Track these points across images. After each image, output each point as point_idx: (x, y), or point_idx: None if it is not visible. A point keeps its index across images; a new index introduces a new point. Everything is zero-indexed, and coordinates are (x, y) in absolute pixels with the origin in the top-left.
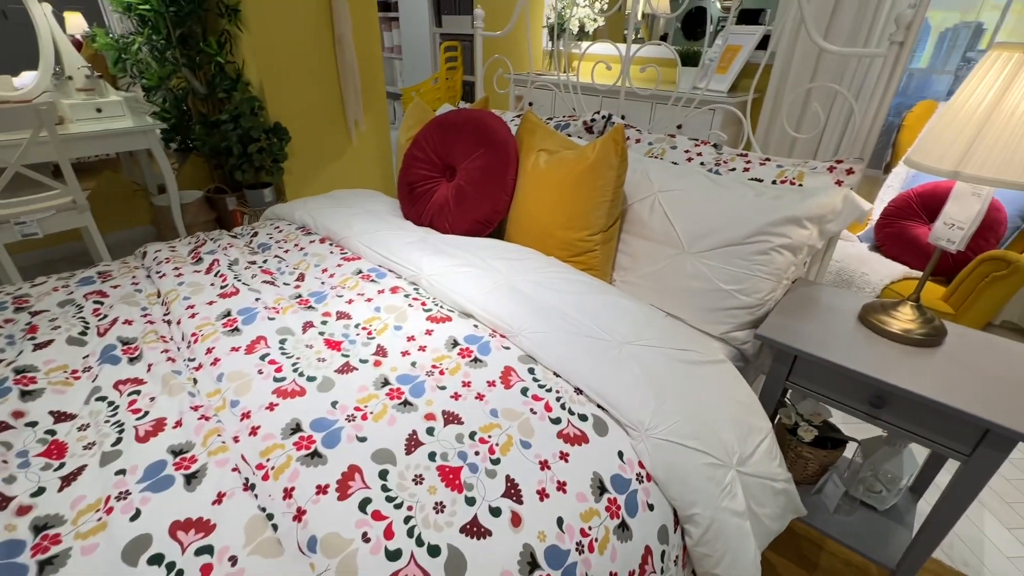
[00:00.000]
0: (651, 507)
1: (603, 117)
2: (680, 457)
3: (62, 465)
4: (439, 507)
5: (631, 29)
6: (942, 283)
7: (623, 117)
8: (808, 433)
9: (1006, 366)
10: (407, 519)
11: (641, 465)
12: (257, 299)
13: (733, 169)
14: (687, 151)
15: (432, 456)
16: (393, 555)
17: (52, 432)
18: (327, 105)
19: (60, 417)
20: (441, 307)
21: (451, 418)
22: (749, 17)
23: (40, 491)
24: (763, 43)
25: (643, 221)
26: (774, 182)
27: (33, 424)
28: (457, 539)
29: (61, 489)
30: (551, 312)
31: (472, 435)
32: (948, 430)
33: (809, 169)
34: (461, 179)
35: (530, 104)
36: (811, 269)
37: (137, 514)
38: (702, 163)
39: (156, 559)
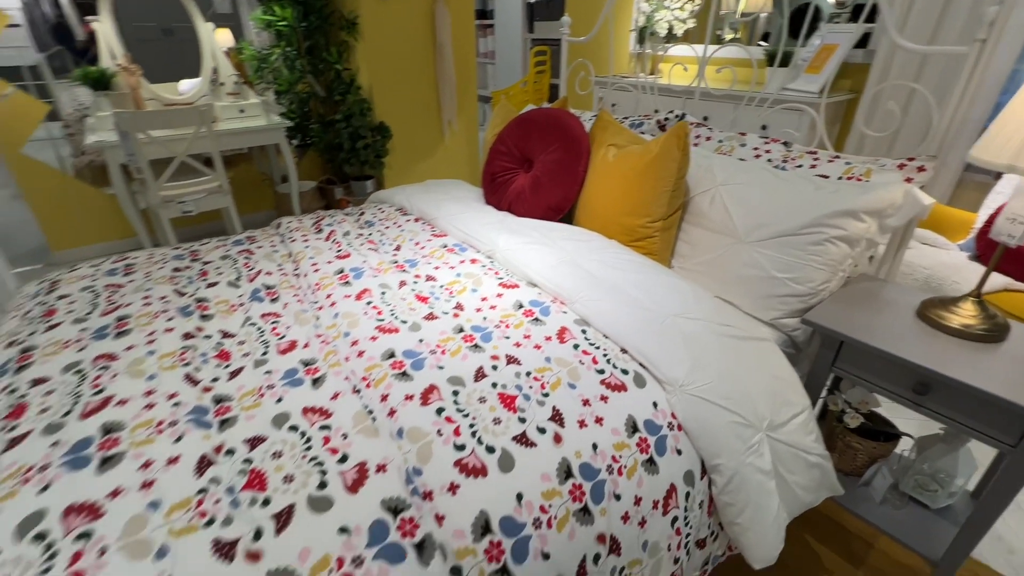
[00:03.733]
0: (679, 452)
1: (677, 116)
2: (709, 413)
3: (228, 365)
4: (496, 421)
5: (710, 29)
6: None
7: (706, 119)
8: (854, 420)
9: None
10: (471, 426)
11: (673, 416)
12: (364, 261)
13: (800, 166)
14: (756, 148)
15: (494, 385)
16: (459, 447)
17: (221, 344)
18: (425, 106)
19: (226, 335)
20: (511, 276)
21: (512, 360)
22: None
23: (216, 379)
24: (863, 41)
25: (703, 212)
26: (840, 179)
27: (209, 337)
28: (509, 445)
29: (229, 379)
30: (607, 285)
31: (528, 373)
32: (994, 421)
33: (878, 166)
34: (537, 170)
35: (612, 105)
36: (881, 268)
37: (280, 399)
38: (769, 160)
39: (294, 428)
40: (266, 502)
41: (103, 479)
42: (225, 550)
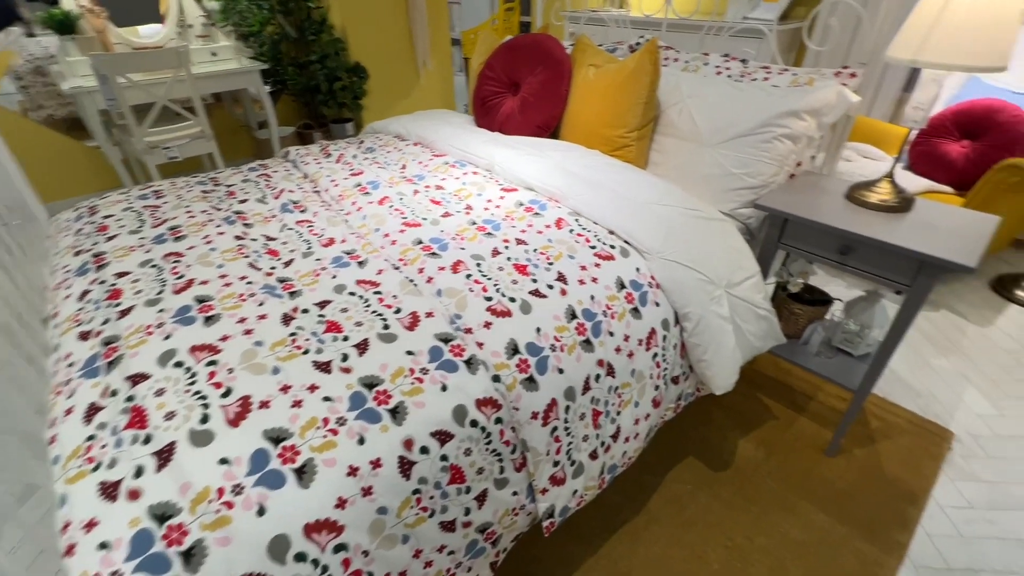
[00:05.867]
0: (657, 304)
1: (647, 40)
2: (680, 273)
3: (280, 259)
4: (514, 281)
5: None
6: (962, 197)
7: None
8: (795, 286)
9: (953, 224)
10: (495, 285)
11: (652, 278)
12: (377, 176)
13: (755, 79)
14: (717, 66)
15: (508, 259)
16: (488, 298)
17: (267, 244)
18: (399, 47)
19: (269, 238)
20: (510, 183)
21: (520, 242)
22: None
23: (273, 268)
24: None
25: (673, 123)
26: (788, 87)
27: (255, 240)
28: (526, 296)
29: (285, 267)
30: (593, 184)
31: (535, 250)
32: (897, 267)
33: (819, 76)
34: (525, 92)
35: None
36: (824, 168)
37: (334, 276)
38: (729, 76)
39: (352, 293)
40: (345, 338)
41: (211, 330)
42: (323, 367)
